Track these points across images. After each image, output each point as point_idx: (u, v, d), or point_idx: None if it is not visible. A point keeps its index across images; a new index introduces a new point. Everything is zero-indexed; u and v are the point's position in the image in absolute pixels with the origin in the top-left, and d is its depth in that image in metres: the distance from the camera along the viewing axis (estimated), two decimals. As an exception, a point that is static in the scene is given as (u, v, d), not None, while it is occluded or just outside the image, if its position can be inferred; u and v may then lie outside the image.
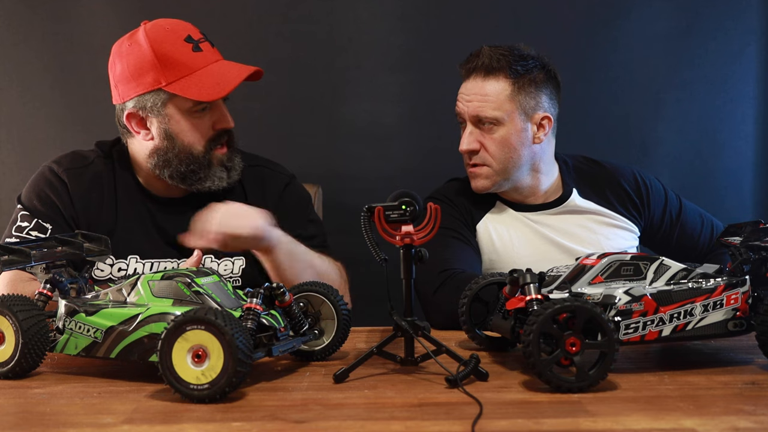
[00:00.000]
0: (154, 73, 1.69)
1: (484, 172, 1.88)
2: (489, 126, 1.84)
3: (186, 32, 1.73)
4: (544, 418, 1.05)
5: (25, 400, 1.20)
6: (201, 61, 1.71)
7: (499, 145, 1.85)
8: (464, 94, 1.88)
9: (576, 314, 1.16)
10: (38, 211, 1.73)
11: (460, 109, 1.88)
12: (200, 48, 1.72)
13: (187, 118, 1.72)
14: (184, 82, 1.69)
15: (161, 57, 1.68)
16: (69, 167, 1.79)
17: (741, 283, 1.29)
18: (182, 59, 1.69)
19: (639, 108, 2.41)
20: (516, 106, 1.84)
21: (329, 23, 2.36)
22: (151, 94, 1.70)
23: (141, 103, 1.72)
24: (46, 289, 1.37)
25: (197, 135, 1.74)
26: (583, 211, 1.94)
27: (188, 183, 1.76)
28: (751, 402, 1.11)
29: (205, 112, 1.74)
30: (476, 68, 1.85)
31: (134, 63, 1.70)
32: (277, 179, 1.89)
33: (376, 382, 1.25)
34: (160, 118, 1.72)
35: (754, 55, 2.41)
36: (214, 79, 1.70)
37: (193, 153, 1.74)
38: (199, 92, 1.69)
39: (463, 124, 1.89)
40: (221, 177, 1.77)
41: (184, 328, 1.13)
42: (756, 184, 2.45)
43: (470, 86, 1.87)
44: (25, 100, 2.34)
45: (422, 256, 1.28)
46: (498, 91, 1.83)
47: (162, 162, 1.74)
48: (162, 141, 1.74)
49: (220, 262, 1.79)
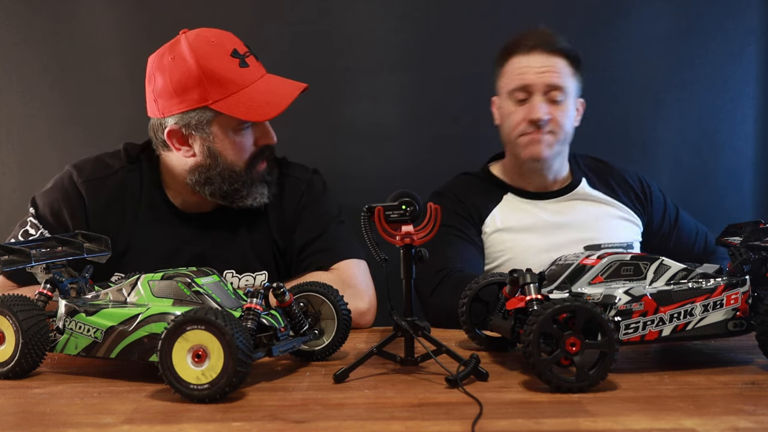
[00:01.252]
0: (201, 90, 1.62)
1: (549, 140, 1.92)
2: (557, 100, 1.90)
3: (232, 46, 1.66)
4: (544, 418, 1.05)
5: (25, 400, 1.20)
6: (248, 78, 1.65)
7: (565, 116, 1.92)
8: (533, 66, 1.90)
9: (576, 314, 1.16)
10: (47, 224, 1.71)
11: (529, 81, 1.90)
12: (247, 63, 1.66)
13: (231, 137, 1.68)
14: (232, 100, 1.63)
15: (208, 73, 1.61)
16: (89, 178, 1.74)
17: (741, 283, 1.29)
18: (229, 76, 1.63)
19: (639, 108, 2.40)
20: (573, 85, 1.94)
21: (329, 23, 2.36)
22: (196, 112, 1.64)
23: (185, 120, 1.65)
24: (46, 289, 1.37)
25: (240, 153, 1.70)
26: (593, 199, 2.00)
27: (229, 200, 1.72)
28: (751, 402, 1.11)
29: (248, 129, 1.70)
30: (539, 45, 1.91)
31: (179, 78, 1.63)
32: (294, 187, 1.84)
33: (376, 382, 1.25)
34: (205, 136, 1.67)
35: (754, 55, 2.41)
36: (263, 97, 1.65)
37: (235, 170, 1.70)
38: (247, 112, 1.63)
39: (526, 98, 1.91)
40: (262, 193, 1.74)
41: (184, 328, 1.13)
42: (756, 184, 2.45)
43: (537, 60, 1.90)
44: (25, 100, 2.34)
45: (422, 256, 1.28)
46: (563, 67, 1.92)
47: (204, 179, 1.70)
48: (205, 159, 1.69)
49: (242, 277, 1.77)
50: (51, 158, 2.31)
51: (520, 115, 1.91)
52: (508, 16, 2.36)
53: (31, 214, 1.73)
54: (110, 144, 1.87)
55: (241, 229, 1.79)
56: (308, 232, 1.80)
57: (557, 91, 1.89)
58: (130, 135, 1.87)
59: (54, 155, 2.32)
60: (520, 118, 1.91)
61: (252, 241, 1.79)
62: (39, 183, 1.86)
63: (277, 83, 1.70)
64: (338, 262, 1.76)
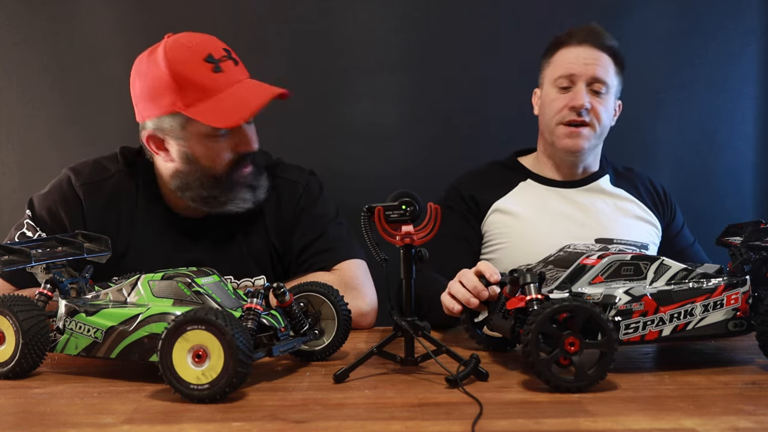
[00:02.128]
0: (171, 96, 1.59)
1: (587, 132, 1.93)
2: (599, 91, 1.92)
3: (207, 51, 1.62)
4: (544, 418, 1.05)
5: (25, 400, 1.20)
6: (221, 83, 1.61)
7: (605, 110, 1.94)
8: (581, 57, 1.93)
9: (575, 314, 1.16)
10: (45, 226, 1.71)
11: (575, 70, 1.92)
12: (221, 68, 1.61)
13: (205, 143, 1.64)
14: (202, 106, 1.60)
15: (178, 79, 1.58)
16: (87, 181, 1.74)
17: (741, 283, 1.29)
18: (201, 81, 1.59)
19: (639, 108, 2.40)
20: (616, 82, 1.97)
21: (328, 23, 2.36)
22: (169, 117, 1.62)
23: (159, 125, 1.64)
24: (46, 289, 1.37)
25: (217, 159, 1.66)
26: (613, 194, 2.01)
27: (209, 206, 1.70)
28: (751, 402, 1.11)
29: (225, 136, 1.65)
30: (590, 39, 1.94)
31: (151, 84, 1.62)
32: (291, 190, 1.82)
33: (377, 382, 1.25)
34: (179, 142, 1.65)
35: (754, 55, 2.41)
36: (233, 103, 1.60)
37: (215, 176, 1.67)
38: (216, 118, 1.59)
39: (568, 87, 1.93)
40: (244, 198, 1.70)
41: (184, 328, 1.13)
42: (756, 184, 2.45)
43: (586, 52, 1.93)
44: (25, 100, 2.34)
45: (422, 256, 1.28)
46: (608, 63, 1.94)
47: (183, 185, 1.68)
48: (182, 164, 1.67)
49: (240, 282, 1.77)
50: (51, 158, 2.31)
51: (562, 102, 1.93)
52: (508, 16, 2.36)
53: (27, 216, 1.73)
54: (110, 144, 1.87)
55: (238, 233, 1.78)
56: (307, 234, 1.79)
57: (601, 84, 1.92)
58: (130, 135, 1.87)
59: (54, 155, 2.32)
60: (562, 104, 1.93)
61: (249, 246, 1.78)
62: (39, 183, 1.86)
63: (251, 89, 1.65)
64: (340, 263, 1.76)
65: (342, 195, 1.98)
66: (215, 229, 1.76)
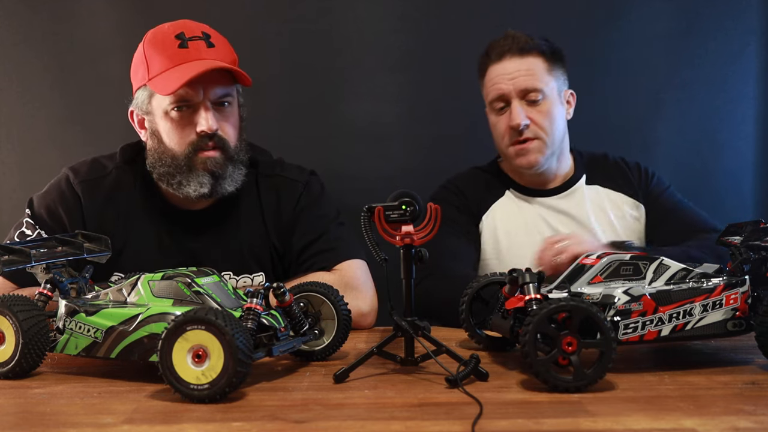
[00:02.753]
0: (142, 69, 1.69)
1: (536, 146, 1.91)
2: (534, 100, 1.89)
3: (181, 29, 1.68)
4: (544, 418, 1.05)
5: (25, 400, 1.20)
6: (182, 58, 1.64)
7: (547, 117, 1.91)
8: (504, 74, 1.90)
9: (572, 314, 1.16)
10: (44, 224, 1.72)
11: (503, 90, 1.90)
12: (187, 45, 1.66)
13: (166, 118, 1.68)
14: (161, 77, 1.65)
15: (148, 53, 1.68)
16: (85, 179, 1.75)
17: (740, 283, 1.29)
18: (165, 54, 1.65)
19: (639, 108, 2.40)
20: (552, 80, 1.93)
21: (329, 23, 2.36)
22: (141, 91, 1.71)
23: (136, 101, 1.74)
24: (46, 289, 1.37)
25: (176, 136, 1.67)
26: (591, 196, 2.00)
27: (170, 185, 1.70)
28: (751, 402, 1.11)
29: (183, 111, 1.66)
30: (509, 50, 1.91)
31: (134, 62, 1.73)
32: (291, 189, 1.83)
33: (377, 382, 1.25)
34: (149, 117, 1.72)
35: (754, 55, 2.41)
36: (179, 74, 1.62)
37: (174, 155, 1.68)
38: (162, 86, 1.64)
39: (503, 108, 1.92)
40: (203, 182, 1.68)
41: (184, 328, 1.13)
42: (756, 184, 2.45)
43: (509, 66, 1.90)
44: (25, 100, 2.34)
45: (422, 256, 1.28)
46: (538, 66, 1.91)
47: (152, 162, 1.72)
48: (152, 141, 1.72)
49: (239, 278, 1.77)
50: (51, 158, 2.31)
51: (503, 124, 1.93)
52: (507, 17, 2.36)
53: (27, 214, 1.74)
54: (110, 144, 1.87)
55: (237, 229, 1.79)
56: (308, 233, 1.79)
57: (534, 92, 1.89)
58: (130, 135, 1.87)
59: (54, 155, 2.32)
60: (504, 127, 1.93)
61: (249, 243, 1.79)
62: (39, 183, 1.86)
63: (202, 65, 1.63)
64: (340, 263, 1.76)
65: (342, 195, 1.98)
66: (214, 223, 1.76)
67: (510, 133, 1.91)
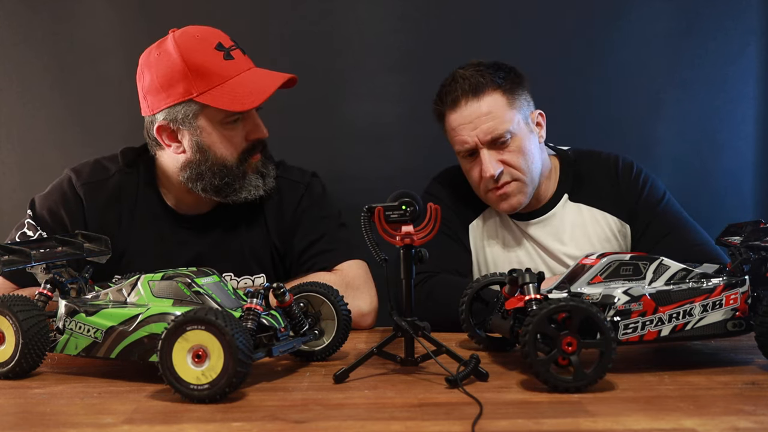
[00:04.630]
0: (185, 83, 1.62)
1: (515, 188, 1.81)
2: (503, 142, 1.78)
3: (217, 40, 1.66)
4: (544, 418, 1.05)
5: (25, 400, 1.20)
6: (233, 70, 1.65)
7: (520, 155, 1.79)
8: (464, 123, 1.79)
9: (572, 314, 1.16)
10: (45, 225, 1.72)
11: (467, 141, 1.79)
12: (232, 56, 1.66)
13: (219, 130, 1.67)
14: (216, 92, 1.63)
15: (192, 66, 1.62)
16: (87, 181, 1.75)
17: (740, 283, 1.29)
18: (214, 68, 1.63)
19: (639, 108, 2.40)
20: (517, 113, 1.80)
21: (329, 23, 2.36)
22: (182, 105, 1.64)
23: (172, 115, 1.65)
24: (46, 289, 1.37)
25: (230, 147, 1.69)
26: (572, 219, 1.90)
27: (223, 195, 1.71)
28: (751, 402, 1.11)
29: (237, 123, 1.68)
30: (463, 93, 1.79)
31: (164, 73, 1.64)
32: (293, 190, 1.83)
33: (376, 382, 1.25)
34: (192, 130, 1.66)
35: (754, 55, 2.41)
36: (247, 88, 1.64)
37: (226, 165, 1.69)
38: (231, 102, 1.63)
39: (473, 154, 1.81)
40: (257, 185, 1.72)
41: (184, 328, 1.13)
42: (756, 184, 2.45)
43: (467, 112, 1.78)
44: (25, 100, 2.34)
45: (422, 257, 1.29)
46: (498, 105, 1.78)
47: (195, 175, 1.69)
48: (194, 154, 1.68)
49: (240, 279, 1.78)
50: (51, 158, 2.31)
51: (476, 171, 1.81)
52: (508, 17, 2.36)
53: (28, 215, 1.74)
54: (110, 144, 1.87)
55: (239, 231, 1.79)
56: (309, 234, 1.79)
57: (498, 136, 1.77)
58: (130, 135, 1.87)
59: (54, 155, 2.32)
60: (477, 176, 1.82)
61: (250, 244, 1.79)
62: (39, 183, 1.86)
63: (262, 75, 1.69)
64: (341, 263, 1.76)
65: (342, 195, 1.97)
66: (215, 226, 1.77)
67: (485, 180, 1.80)
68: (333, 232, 1.81)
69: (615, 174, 1.91)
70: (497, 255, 1.92)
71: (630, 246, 1.90)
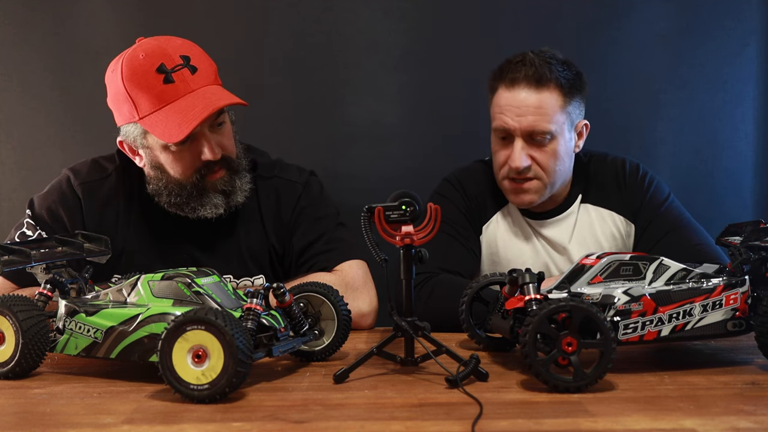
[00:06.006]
0: (128, 106, 1.62)
1: (534, 186, 1.80)
2: (541, 140, 1.76)
3: (160, 60, 1.60)
4: (544, 418, 1.05)
5: (25, 400, 1.20)
6: (171, 95, 1.59)
7: (552, 157, 1.78)
8: (514, 107, 1.75)
9: (572, 314, 1.16)
10: (44, 224, 1.72)
11: (508, 124, 1.76)
12: (172, 78, 1.59)
13: (167, 152, 1.64)
14: (154, 117, 1.60)
15: (131, 91, 1.60)
16: (86, 180, 1.75)
17: (740, 283, 1.29)
18: (151, 93, 1.59)
19: (639, 108, 2.40)
20: (566, 117, 1.79)
21: (329, 23, 2.36)
22: (131, 126, 1.64)
23: (126, 133, 1.67)
24: (46, 289, 1.37)
25: (182, 167, 1.65)
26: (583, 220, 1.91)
27: (183, 211, 1.70)
28: (751, 402, 1.11)
29: (184, 144, 1.62)
30: (525, 78, 1.75)
31: (114, 93, 1.65)
32: (290, 190, 1.82)
33: (376, 382, 1.25)
34: (144, 150, 1.67)
35: (754, 55, 2.41)
36: (178, 117, 1.58)
37: (181, 183, 1.66)
38: (162, 132, 1.59)
39: (507, 138, 1.79)
40: (217, 204, 1.68)
41: (184, 328, 1.13)
42: (756, 184, 2.45)
43: (521, 98, 1.74)
44: (25, 100, 2.34)
45: (422, 257, 1.28)
46: (552, 103, 1.75)
47: (155, 190, 1.69)
48: (151, 170, 1.69)
49: (240, 281, 1.77)
50: (51, 158, 2.31)
51: (503, 156, 1.80)
52: (508, 16, 2.36)
53: (27, 215, 1.74)
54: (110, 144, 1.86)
55: (236, 232, 1.78)
56: (308, 234, 1.79)
57: (541, 134, 1.74)
58: (130, 135, 1.87)
59: (54, 155, 2.32)
60: (503, 159, 1.80)
61: (248, 245, 1.78)
62: (39, 183, 1.86)
63: (201, 98, 1.60)
64: (340, 263, 1.76)
65: (342, 195, 1.97)
66: (213, 227, 1.76)
67: (510, 168, 1.79)
68: (332, 232, 1.80)
69: (623, 176, 1.92)
70: (512, 255, 1.92)
71: (632, 246, 1.91)
